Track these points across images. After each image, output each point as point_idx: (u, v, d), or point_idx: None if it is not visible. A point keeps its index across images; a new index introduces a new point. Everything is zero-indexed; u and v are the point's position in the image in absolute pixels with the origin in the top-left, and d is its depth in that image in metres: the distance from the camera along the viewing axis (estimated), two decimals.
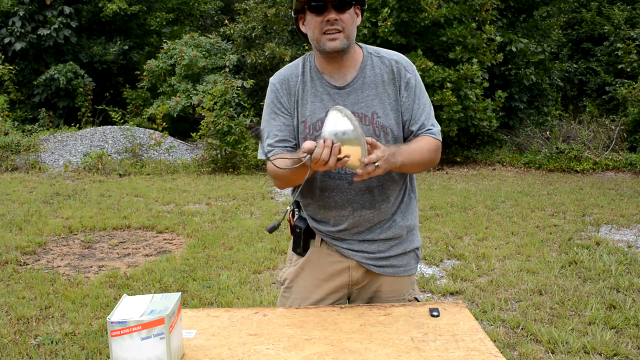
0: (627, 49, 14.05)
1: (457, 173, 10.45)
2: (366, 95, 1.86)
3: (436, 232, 5.98)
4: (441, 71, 10.31)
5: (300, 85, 1.89)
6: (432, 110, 1.93)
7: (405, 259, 1.97)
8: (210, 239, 5.70)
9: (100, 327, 3.66)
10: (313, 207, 1.94)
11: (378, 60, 1.89)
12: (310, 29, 1.82)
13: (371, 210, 1.89)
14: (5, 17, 14.55)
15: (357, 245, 1.92)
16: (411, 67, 1.91)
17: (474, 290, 4.33)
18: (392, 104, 1.86)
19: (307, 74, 1.90)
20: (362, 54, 1.90)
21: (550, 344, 3.41)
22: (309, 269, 1.97)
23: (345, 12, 1.78)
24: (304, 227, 1.95)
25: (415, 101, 1.87)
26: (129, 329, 1.42)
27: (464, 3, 10.83)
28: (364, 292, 1.98)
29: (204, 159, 10.69)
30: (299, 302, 1.97)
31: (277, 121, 1.89)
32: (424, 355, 1.54)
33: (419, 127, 1.87)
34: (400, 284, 1.98)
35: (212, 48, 14.41)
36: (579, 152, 10.70)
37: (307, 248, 1.97)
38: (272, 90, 1.92)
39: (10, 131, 11.64)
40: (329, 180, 1.87)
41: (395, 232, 1.94)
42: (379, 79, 1.87)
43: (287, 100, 1.89)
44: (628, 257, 5.11)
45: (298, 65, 1.93)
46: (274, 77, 1.94)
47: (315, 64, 1.90)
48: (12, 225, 6.22)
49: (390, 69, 1.88)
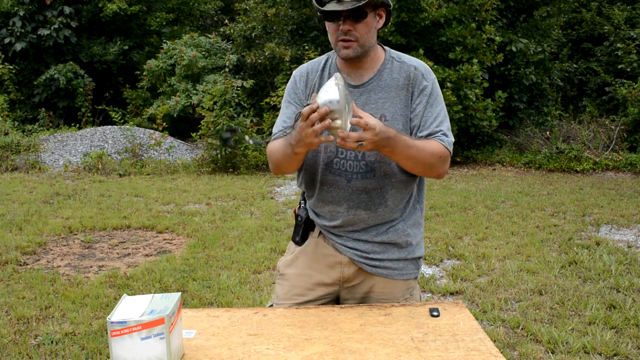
0: (627, 49, 14.05)
1: (457, 173, 10.45)
2: (378, 98, 1.86)
3: (436, 232, 5.98)
4: (441, 71, 10.31)
5: (318, 80, 1.93)
6: (447, 121, 1.87)
7: (401, 264, 1.95)
8: (210, 239, 5.70)
9: (100, 327, 3.66)
10: (313, 200, 1.97)
11: (398, 65, 1.89)
12: (329, 33, 1.85)
13: (367, 211, 1.89)
14: (5, 17, 14.55)
15: (351, 242, 1.93)
16: (430, 75, 1.89)
17: (474, 290, 4.33)
18: (403, 110, 1.85)
19: (326, 70, 1.94)
20: (384, 57, 1.90)
21: (550, 344, 3.41)
22: (303, 258, 2.00)
23: (360, 22, 1.77)
24: (305, 217, 1.99)
25: (427, 108, 1.84)
26: (129, 329, 1.42)
27: (464, 3, 10.83)
28: (356, 291, 1.97)
29: (204, 159, 10.69)
30: (289, 289, 2.00)
31: (289, 110, 1.95)
32: (424, 355, 1.54)
33: (427, 134, 1.83)
34: (394, 287, 1.95)
35: (212, 48, 14.41)
36: (579, 152, 10.70)
37: (306, 238, 2.00)
38: (291, 82, 1.99)
39: (10, 131, 11.64)
40: (329, 175, 1.89)
41: (392, 238, 1.92)
42: (395, 83, 1.87)
43: (302, 92, 1.95)
44: (628, 257, 5.11)
45: (321, 61, 1.98)
46: (297, 70, 2.01)
47: (336, 62, 1.94)
48: (12, 225, 6.22)
49: (408, 74, 1.87)
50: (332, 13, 1.75)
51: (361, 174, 1.86)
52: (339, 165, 1.87)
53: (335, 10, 1.73)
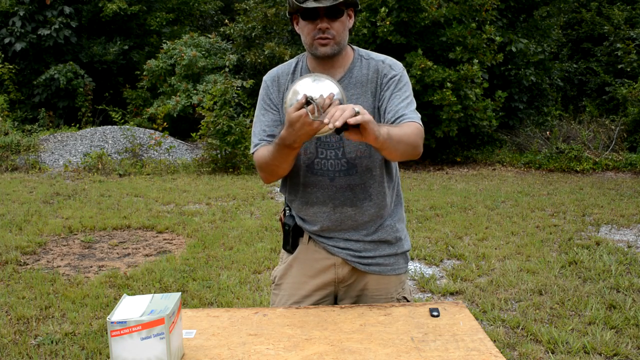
0: (627, 49, 14.06)
1: (457, 173, 10.45)
2: (351, 94, 1.89)
3: (436, 232, 5.98)
4: (441, 71, 10.30)
5: (290, 83, 1.93)
6: (413, 104, 1.86)
7: (392, 259, 1.99)
8: (210, 239, 5.70)
9: (100, 327, 3.66)
10: (297, 203, 1.97)
11: (366, 62, 1.93)
12: (303, 33, 1.87)
13: (352, 207, 1.90)
14: (5, 17, 14.55)
15: (342, 243, 1.94)
16: (398, 66, 1.92)
17: (474, 290, 4.33)
18: (373, 102, 1.89)
19: (297, 72, 1.95)
20: (353, 56, 1.94)
21: (550, 344, 3.41)
22: (296, 266, 2.00)
23: (337, 20, 1.81)
24: (293, 224, 1.99)
25: (394, 92, 1.86)
26: (129, 329, 1.42)
27: (464, 3, 10.83)
28: (351, 290, 1.99)
29: (204, 159, 10.69)
30: (287, 299, 2.00)
31: (267, 117, 1.95)
32: (424, 355, 1.54)
33: (394, 114, 1.81)
34: (387, 282, 1.99)
35: (211, 48, 14.42)
36: (579, 152, 10.70)
37: (296, 245, 2.00)
38: (263, 87, 1.99)
39: (10, 131, 11.64)
40: (311, 177, 1.91)
41: (382, 235, 1.95)
42: (365, 78, 1.90)
43: (276, 97, 1.95)
44: (628, 257, 5.11)
45: (291, 64, 1.99)
46: (267, 75, 2.01)
47: (307, 63, 1.95)
48: (12, 225, 6.22)
49: (376, 68, 1.90)
50: (311, 10, 1.78)
51: (343, 172, 1.89)
52: (320, 165, 1.89)
53: (314, 8, 1.77)
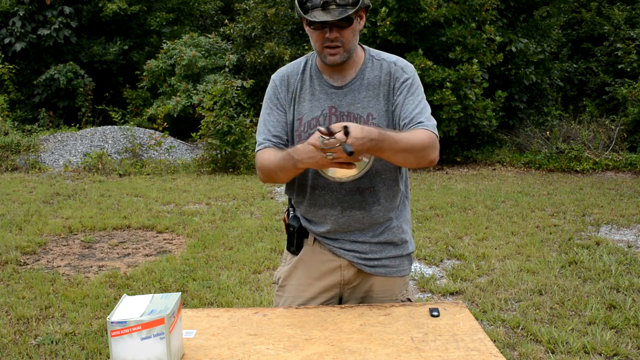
0: (627, 49, 14.05)
1: (457, 173, 10.45)
2: (363, 97, 1.86)
3: (436, 232, 5.98)
4: (441, 71, 10.30)
5: (299, 84, 1.91)
6: (427, 109, 1.83)
7: (397, 261, 1.97)
8: (210, 239, 5.70)
9: (100, 327, 3.66)
10: (304, 205, 1.95)
11: (378, 63, 1.89)
12: (312, 39, 1.83)
13: (361, 211, 1.89)
14: (5, 17, 14.55)
15: (348, 244, 1.92)
16: (409, 68, 1.89)
17: (474, 290, 4.33)
18: (386, 105, 1.86)
19: (307, 72, 1.92)
20: (364, 57, 1.91)
21: (550, 344, 3.41)
22: (301, 268, 1.98)
23: (346, 29, 1.77)
24: (297, 226, 1.97)
25: (407, 97, 1.83)
26: (129, 329, 1.42)
27: (463, 3, 10.83)
28: (356, 291, 1.98)
29: (204, 159, 10.69)
30: (292, 301, 1.99)
31: (272, 117, 1.92)
32: (424, 355, 1.54)
33: (409, 120, 1.79)
34: (393, 284, 1.97)
35: (211, 48, 14.41)
36: (579, 152, 10.70)
37: (301, 247, 1.98)
38: (271, 87, 1.95)
39: (10, 131, 11.64)
40: (320, 179, 1.88)
41: (389, 237, 1.94)
42: (377, 80, 1.87)
43: (284, 97, 1.92)
44: (628, 257, 5.11)
45: (300, 63, 1.95)
46: (276, 74, 1.97)
47: (316, 63, 1.92)
48: (12, 225, 6.22)
49: (388, 70, 1.88)
50: (319, 23, 1.74)
51: None
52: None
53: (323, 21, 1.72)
